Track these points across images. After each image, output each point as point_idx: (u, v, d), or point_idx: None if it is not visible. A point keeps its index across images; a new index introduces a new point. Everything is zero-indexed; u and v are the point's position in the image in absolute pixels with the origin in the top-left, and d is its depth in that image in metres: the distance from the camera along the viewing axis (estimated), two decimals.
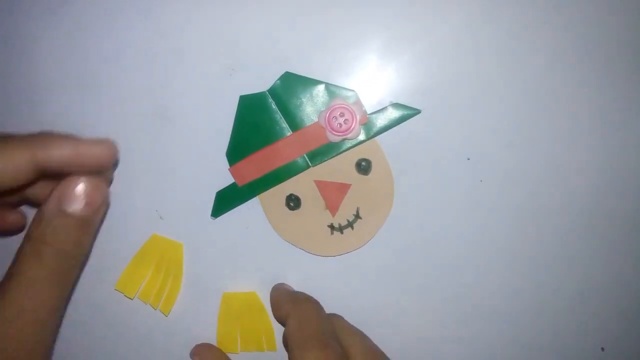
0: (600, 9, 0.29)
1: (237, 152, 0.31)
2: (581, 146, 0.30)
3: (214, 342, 0.32)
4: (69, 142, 0.24)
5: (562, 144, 0.30)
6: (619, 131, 0.29)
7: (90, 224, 0.26)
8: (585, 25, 0.29)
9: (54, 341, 0.26)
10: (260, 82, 0.30)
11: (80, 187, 0.25)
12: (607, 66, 0.29)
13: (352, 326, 0.29)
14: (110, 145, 0.25)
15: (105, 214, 0.31)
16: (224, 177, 0.31)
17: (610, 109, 0.29)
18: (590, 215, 0.30)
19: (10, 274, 0.24)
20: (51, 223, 0.25)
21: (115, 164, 0.31)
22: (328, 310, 0.30)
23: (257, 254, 0.32)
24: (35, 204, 0.28)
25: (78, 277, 0.32)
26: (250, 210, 0.31)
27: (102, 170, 0.27)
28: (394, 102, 0.30)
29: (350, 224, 0.31)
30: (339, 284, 0.31)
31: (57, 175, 0.25)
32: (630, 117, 0.29)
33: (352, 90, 0.30)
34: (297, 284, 0.32)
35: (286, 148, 0.30)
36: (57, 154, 0.24)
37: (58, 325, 0.26)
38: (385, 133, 0.30)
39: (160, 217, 0.32)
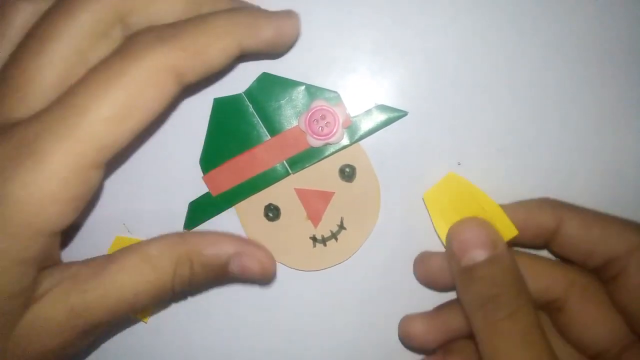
0: (594, 8, 0.28)
1: (211, 159, 0.29)
2: (579, 150, 0.28)
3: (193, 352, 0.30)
4: (270, 23, 0.24)
5: (560, 147, 0.28)
6: (617, 134, 0.28)
7: None
8: (580, 25, 0.28)
9: None
10: (236, 84, 0.28)
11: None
12: (605, 67, 0.28)
13: None
14: (294, 16, 0.25)
15: None
16: (197, 187, 0.29)
17: (607, 111, 0.28)
18: None
19: None
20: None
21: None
22: (312, 329, 0.29)
23: None
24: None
25: None
26: (226, 221, 0.29)
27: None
28: (379, 103, 0.28)
29: (333, 236, 0.29)
30: (322, 300, 0.29)
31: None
32: (629, 120, 0.28)
33: (335, 92, 0.28)
34: (276, 301, 0.30)
35: (264, 154, 0.28)
36: (262, 39, 0.24)
37: None
38: (370, 137, 0.28)
39: (128, 231, 0.30)
